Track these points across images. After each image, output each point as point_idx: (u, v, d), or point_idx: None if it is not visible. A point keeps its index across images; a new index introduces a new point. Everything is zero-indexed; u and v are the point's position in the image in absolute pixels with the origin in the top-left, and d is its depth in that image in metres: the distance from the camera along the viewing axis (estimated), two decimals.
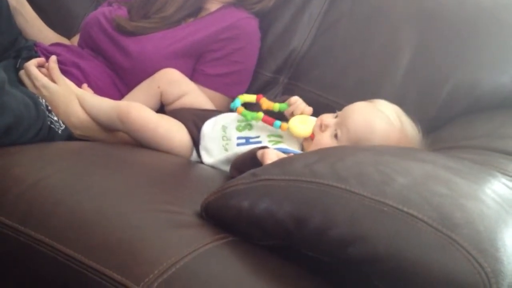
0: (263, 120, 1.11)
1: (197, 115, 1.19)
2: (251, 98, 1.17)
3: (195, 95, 1.26)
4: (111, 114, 1.13)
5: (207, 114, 1.20)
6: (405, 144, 1.04)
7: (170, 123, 1.15)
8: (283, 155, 0.94)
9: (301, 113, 1.13)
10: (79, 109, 1.16)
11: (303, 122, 1.10)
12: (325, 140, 1.06)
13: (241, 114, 1.13)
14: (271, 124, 1.10)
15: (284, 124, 1.09)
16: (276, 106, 1.15)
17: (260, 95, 1.18)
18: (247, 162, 0.96)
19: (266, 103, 1.15)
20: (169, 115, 1.20)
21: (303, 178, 0.74)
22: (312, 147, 1.06)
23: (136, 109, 1.12)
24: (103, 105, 1.16)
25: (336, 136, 1.05)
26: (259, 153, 0.96)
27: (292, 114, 1.13)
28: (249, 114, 1.12)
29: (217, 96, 1.32)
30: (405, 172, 0.75)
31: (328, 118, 1.08)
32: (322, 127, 1.07)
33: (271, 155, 0.93)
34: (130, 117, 1.10)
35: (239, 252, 0.75)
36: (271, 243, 0.76)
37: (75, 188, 0.84)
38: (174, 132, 1.14)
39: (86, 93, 1.20)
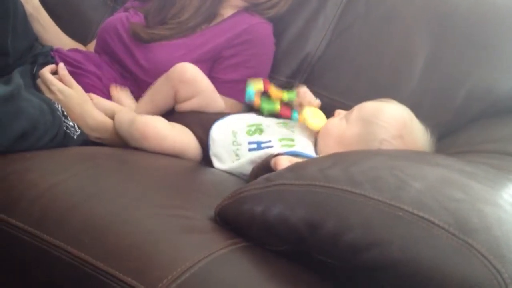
0: (281, 113, 1.09)
1: (204, 119, 1.19)
2: (259, 85, 1.14)
3: (207, 97, 1.23)
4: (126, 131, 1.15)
5: (214, 117, 1.19)
6: (408, 140, 1.05)
7: (179, 137, 1.15)
8: (296, 160, 0.94)
9: (309, 104, 1.13)
10: (95, 111, 1.18)
11: (315, 115, 1.10)
12: (334, 122, 1.10)
13: (258, 107, 1.09)
14: (290, 116, 1.09)
15: (300, 115, 1.09)
16: (285, 95, 1.13)
17: (267, 82, 1.15)
18: (263, 173, 0.96)
19: (274, 92, 1.13)
20: (176, 118, 1.19)
21: (317, 183, 0.74)
22: (321, 132, 1.11)
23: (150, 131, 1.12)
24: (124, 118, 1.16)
25: (345, 117, 1.09)
26: (272, 162, 0.96)
27: (300, 105, 1.13)
28: (267, 106, 1.09)
29: (231, 102, 1.31)
30: (420, 176, 0.74)
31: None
32: (335, 114, 1.13)
33: (284, 162, 0.93)
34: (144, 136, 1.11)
35: (252, 257, 0.75)
36: (285, 248, 0.76)
37: (90, 193, 0.85)
38: (185, 145, 1.14)
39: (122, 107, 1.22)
